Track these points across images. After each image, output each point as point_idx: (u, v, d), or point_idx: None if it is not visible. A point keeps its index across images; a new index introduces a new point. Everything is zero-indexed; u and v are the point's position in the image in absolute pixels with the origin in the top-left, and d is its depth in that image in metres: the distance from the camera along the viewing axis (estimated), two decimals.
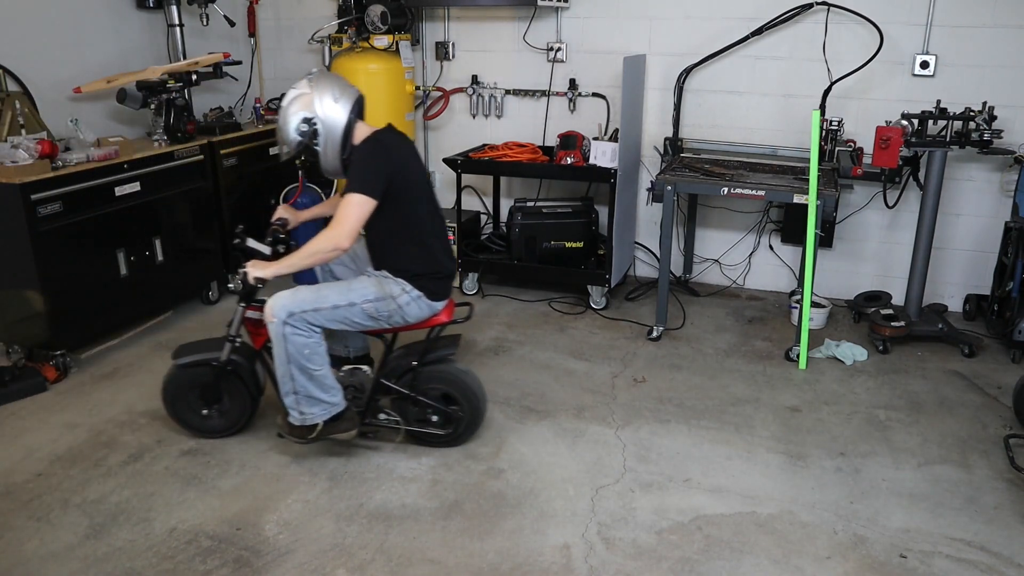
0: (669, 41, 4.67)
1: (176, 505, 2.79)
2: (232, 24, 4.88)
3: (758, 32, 4.44)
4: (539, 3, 4.57)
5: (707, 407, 3.48)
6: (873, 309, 4.21)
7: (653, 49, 4.72)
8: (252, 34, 5.43)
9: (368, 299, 2.83)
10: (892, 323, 4.03)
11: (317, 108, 2.81)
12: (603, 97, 4.88)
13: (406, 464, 3.04)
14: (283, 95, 2.91)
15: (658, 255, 4.63)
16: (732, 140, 4.70)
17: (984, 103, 3.87)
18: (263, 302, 2.90)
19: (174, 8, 4.71)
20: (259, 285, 2.84)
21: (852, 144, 4.14)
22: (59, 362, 3.71)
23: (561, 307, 4.62)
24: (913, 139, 3.84)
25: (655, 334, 4.17)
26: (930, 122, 3.87)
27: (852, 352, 3.93)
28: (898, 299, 4.34)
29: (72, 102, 4.32)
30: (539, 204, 4.69)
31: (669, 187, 4.01)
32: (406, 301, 2.87)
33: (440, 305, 2.97)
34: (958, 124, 3.85)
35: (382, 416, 3.07)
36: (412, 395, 3.01)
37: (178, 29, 4.75)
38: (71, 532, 2.65)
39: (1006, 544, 2.61)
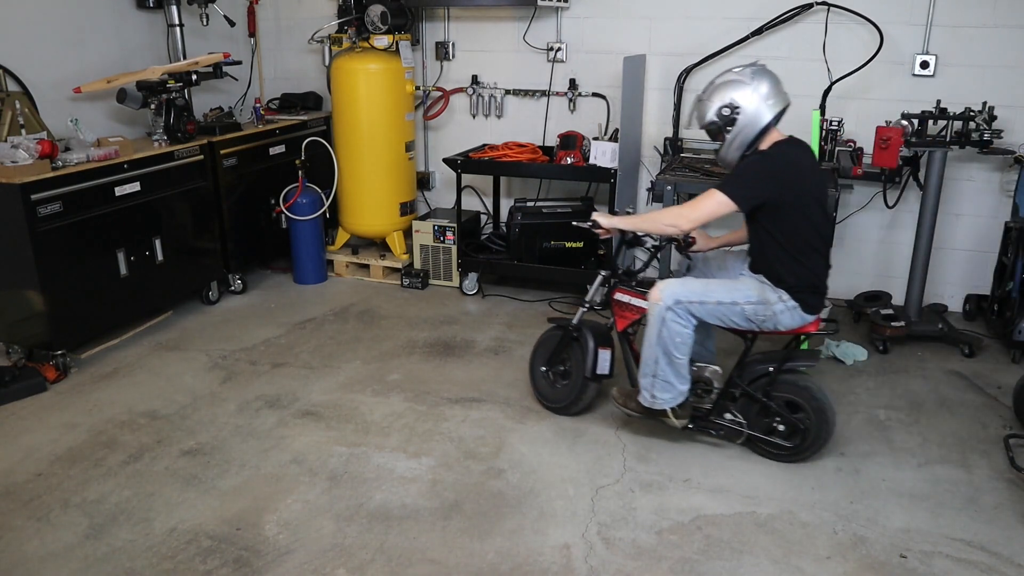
0: (669, 41, 4.67)
1: (176, 505, 2.79)
2: (232, 24, 4.88)
3: (758, 32, 4.44)
4: (539, 3, 4.57)
5: None
6: (873, 309, 4.20)
7: (653, 49, 4.72)
8: (252, 34, 5.43)
9: (750, 301, 2.86)
10: (892, 323, 4.03)
11: (746, 101, 2.79)
12: (603, 97, 4.88)
13: (406, 464, 3.04)
14: (723, 77, 2.87)
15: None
16: None
17: (984, 103, 3.87)
18: (639, 289, 3.08)
19: (174, 8, 4.71)
20: (595, 230, 3.01)
21: (852, 144, 4.14)
22: (59, 362, 3.71)
23: (561, 307, 4.61)
24: (913, 139, 3.84)
25: None
26: (930, 122, 3.87)
27: (852, 352, 3.93)
28: (898, 299, 4.34)
29: (72, 102, 4.32)
30: (539, 204, 4.69)
31: (669, 187, 4.00)
32: (781, 310, 2.86)
33: (811, 317, 2.91)
34: (958, 124, 3.85)
35: (727, 416, 3.06)
36: (762, 399, 2.98)
37: (178, 29, 4.75)
38: (71, 532, 2.65)
39: (1006, 544, 2.61)
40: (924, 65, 4.24)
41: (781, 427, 3.00)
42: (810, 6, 4.32)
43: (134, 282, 4.04)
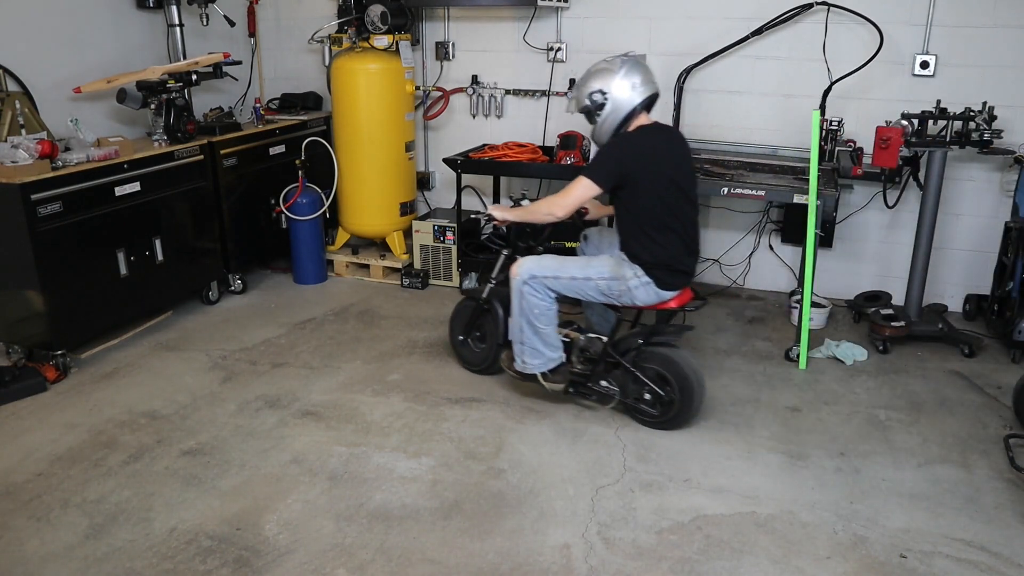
0: (669, 41, 4.67)
1: (176, 505, 2.79)
2: (232, 24, 4.88)
3: (758, 32, 4.44)
4: (539, 3, 4.57)
5: (707, 407, 3.47)
6: (873, 309, 4.21)
7: (653, 49, 4.71)
8: (252, 34, 5.43)
9: (603, 276, 3.15)
10: (892, 323, 4.03)
11: (614, 88, 3.08)
12: None
13: (406, 464, 3.04)
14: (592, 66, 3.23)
15: None
16: (732, 140, 4.70)
17: (984, 103, 3.87)
18: None
19: (174, 8, 4.70)
20: (491, 220, 3.37)
21: (852, 144, 4.14)
22: (59, 362, 3.71)
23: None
24: (913, 139, 3.84)
25: None
26: (930, 122, 3.87)
27: (852, 352, 3.93)
28: (898, 299, 4.34)
29: (72, 102, 4.32)
30: None
31: None
32: (635, 285, 3.10)
33: (669, 294, 3.16)
34: (958, 124, 3.85)
35: (603, 383, 3.31)
36: (631, 369, 3.22)
37: (178, 29, 4.75)
38: (71, 532, 2.65)
39: (1006, 544, 2.61)
40: (924, 65, 4.24)
41: (648, 396, 3.22)
42: (810, 6, 4.32)
43: (134, 282, 4.04)
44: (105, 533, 2.64)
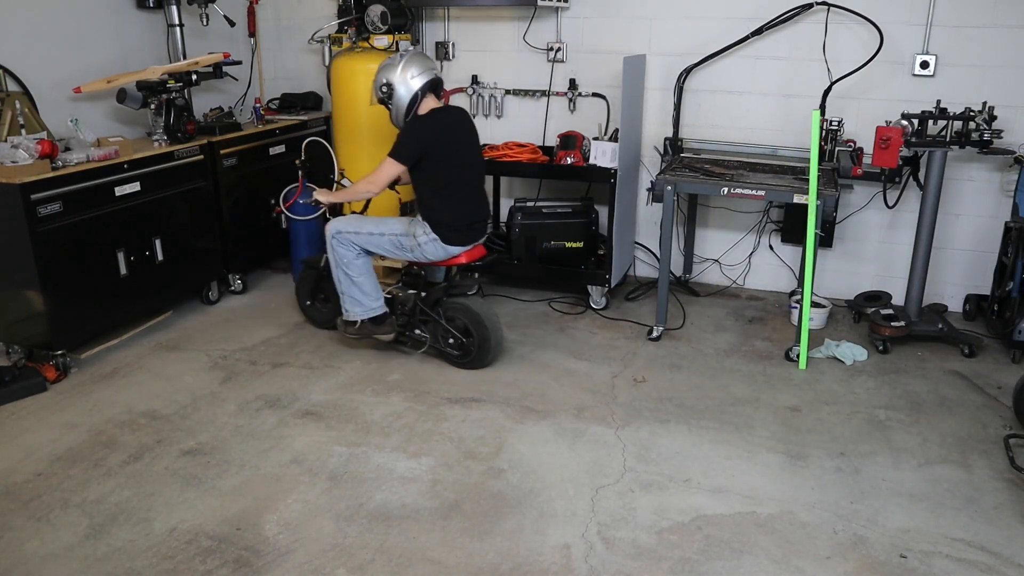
0: (669, 41, 4.67)
1: (176, 505, 2.79)
2: (232, 24, 4.88)
3: (758, 32, 4.44)
4: (539, 3, 4.57)
5: (707, 407, 3.48)
6: (873, 309, 4.21)
7: (653, 49, 4.72)
8: (252, 34, 5.43)
9: (395, 232, 3.66)
10: (892, 323, 4.03)
11: (396, 78, 3.54)
12: (603, 97, 4.88)
13: (406, 464, 3.04)
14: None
15: (658, 255, 4.63)
16: (732, 140, 4.70)
17: (984, 103, 3.87)
18: None
19: (174, 8, 4.70)
20: (319, 204, 3.82)
21: (852, 144, 4.14)
22: (59, 362, 3.71)
23: (561, 307, 4.62)
24: (913, 139, 3.84)
25: (655, 334, 4.17)
26: (930, 122, 3.87)
27: (852, 352, 3.93)
28: (898, 299, 4.34)
29: (72, 102, 4.32)
30: (539, 204, 4.69)
31: (669, 187, 4.01)
32: (424, 241, 3.61)
33: (456, 250, 3.66)
34: (958, 124, 3.85)
35: (417, 332, 3.84)
36: (439, 320, 3.76)
37: (178, 29, 4.75)
38: (71, 532, 2.65)
39: (1006, 544, 2.62)
40: (924, 65, 4.24)
41: (452, 341, 3.76)
42: (810, 6, 4.32)
43: (134, 282, 4.04)
44: (105, 533, 2.64)
